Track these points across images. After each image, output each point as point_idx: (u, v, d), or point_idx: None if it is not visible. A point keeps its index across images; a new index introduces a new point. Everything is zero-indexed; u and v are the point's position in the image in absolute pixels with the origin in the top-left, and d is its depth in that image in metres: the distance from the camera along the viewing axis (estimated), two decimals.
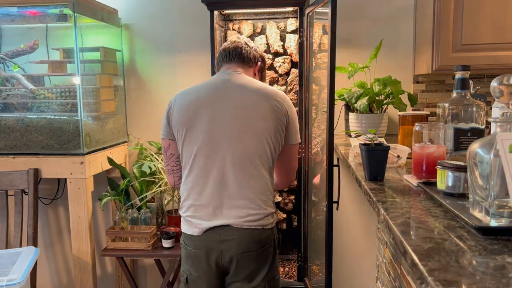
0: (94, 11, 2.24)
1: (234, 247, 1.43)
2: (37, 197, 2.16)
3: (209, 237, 1.45)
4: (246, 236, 1.43)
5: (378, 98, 2.07)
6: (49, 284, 2.79)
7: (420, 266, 0.71)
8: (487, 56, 1.99)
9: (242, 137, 1.44)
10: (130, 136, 2.62)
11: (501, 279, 0.66)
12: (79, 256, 2.18)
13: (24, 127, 2.16)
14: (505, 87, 0.99)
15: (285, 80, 2.37)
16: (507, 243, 0.80)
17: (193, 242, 1.49)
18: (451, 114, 1.39)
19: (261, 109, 1.47)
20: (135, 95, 2.61)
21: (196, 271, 1.50)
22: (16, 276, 1.63)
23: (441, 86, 2.39)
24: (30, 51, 2.31)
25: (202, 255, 1.47)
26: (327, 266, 1.71)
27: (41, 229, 2.68)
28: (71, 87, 2.22)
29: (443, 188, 1.09)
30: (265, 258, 1.47)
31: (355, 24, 2.39)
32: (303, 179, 2.25)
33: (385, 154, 1.32)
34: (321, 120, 2.23)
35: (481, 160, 0.86)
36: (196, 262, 1.49)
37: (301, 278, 2.26)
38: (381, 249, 1.75)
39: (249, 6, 2.24)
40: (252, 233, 1.44)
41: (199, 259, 1.48)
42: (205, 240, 1.46)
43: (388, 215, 0.98)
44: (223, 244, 1.44)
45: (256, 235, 1.44)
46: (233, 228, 1.43)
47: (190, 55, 2.53)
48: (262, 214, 1.45)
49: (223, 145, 1.45)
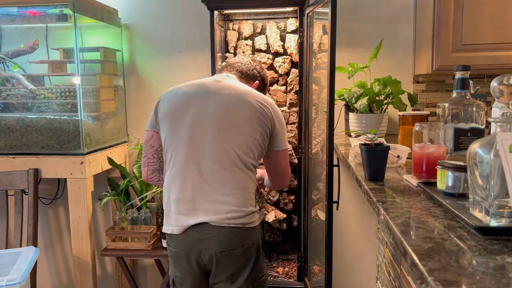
0: (94, 11, 2.24)
1: (213, 245, 1.42)
2: (37, 197, 2.16)
3: (188, 236, 1.44)
4: (225, 234, 1.42)
5: (378, 98, 2.07)
6: (49, 284, 2.79)
7: (420, 266, 0.71)
8: (487, 56, 1.99)
9: (224, 135, 1.45)
10: (130, 136, 2.62)
11: (501, 279, 0.66)
12: (79, 256, 2.18)
13: (24, 127, 2.16)
14: (505, 87, 0.99)
15: (285, 80, 2.37)
16: (507, 243, 0.80)
17: (173, 241, 1.49)
18: (451, 114, 1.39)
19: (246, 110, 1.47)
20: (135, 95, 2.61)
21: (179, 272, 1.50)
22: (16, 276, 1.63)
23: (441, 86, 2.39)
24: (30, 51, 2.31)
25: (182, 255, 1.47)
26: (327, 266, 1.71)
27: (41, 229, 2.68)
28: (71, 87, 2.22)
29: (443, 188, 1.09)
30: (247, 258, 1.45)
31: (355, 24, 2.39)
32: (303, 179, 2.25)
33: (385, 154, 1.32)
34: (321, 120, 2.23)
35: (481, 160, 0.86)
36: (178, 262, 1.49)
37: (301, 278, 2.26)
38: (381, 249, 1.75)
39: (249, 6, 2.24)
40: (232, 232, 1.42)
41: (180, 259, 1.48)
42: (185, 239, 1.45)
43: (388, 215, 0.98)
44: (202, 242, 1.43)
45: (236, 234, 1.43)
46: (211, 226, 1.42)
47: (190, 55, 2.53)
48: (243, 212, 1.44)
49: (205, 141, 1.45)
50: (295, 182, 2.34)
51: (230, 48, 2.38)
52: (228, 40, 2.39)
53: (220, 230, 1.42)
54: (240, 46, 2.37)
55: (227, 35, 2.39)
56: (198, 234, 1.43)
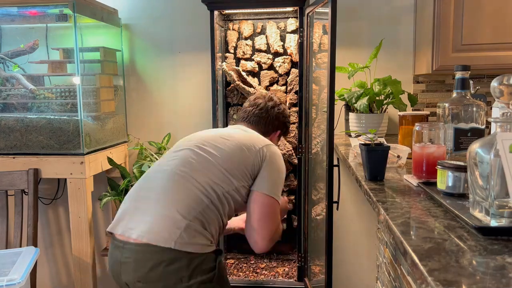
0: (94, 11, 2.24)
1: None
2: (37, 197, 2.16)
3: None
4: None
5: (378, 98, 2.07)
6: (49, 284, 2.79)
7: (420, 266, 0.71)
8: (487, 56, 1.99)
9: (196, 161, 1.45)
10: (130, 136, 2.62)
11: (501, 279, 0.66)
12: (79, 256, 2.18)
13: (24, 127, 2.16)
14: (505, 87, 0.99)
15: (285, 80, 2.37)
16: (507, 243, 0.79)
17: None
18: (451, 114, 1.39)
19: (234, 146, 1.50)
20: (135, 95, 2.61)
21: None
22: (16, 276, 1.63)
23: (441, 86, 2.39)
24: (30, 51, 2.31)
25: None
26: (327, 266, 1.71)
27: (41, 229, 2.68)
28: (71, 87, 2.22)
29: (443, 188, 1.09)
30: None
31: (355, 24, 2.39)
32: (303, 179, 2.25)
33: (385, 154, 1.32)
34: (321, 120, 2.23)
35: (481, 160, 0.86)
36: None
37: (301, 278, 2.26)
38: (381, 249, 1.75)
39: (249, 6, 2.24)
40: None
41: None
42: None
43: (388, 215, 0.98)
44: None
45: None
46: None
47: (190, 55, 2.53)
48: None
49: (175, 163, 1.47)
50: (295, 182, 2.34)
51: (230, 48, 2.39)
52: (228, 40, 2.39)
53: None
54: (240, 46, 2.37)
55: (227, 35, 2.39)
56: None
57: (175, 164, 1.45)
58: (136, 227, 1.33)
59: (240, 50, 2.37)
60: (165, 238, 1.28)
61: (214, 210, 1.39)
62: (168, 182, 1.40)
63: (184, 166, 1.43)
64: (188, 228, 1.30)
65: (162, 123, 2.59)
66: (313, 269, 2.29)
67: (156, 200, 1.38)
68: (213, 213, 1.38)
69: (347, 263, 2.53)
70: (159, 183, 1.42)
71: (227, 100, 2.40)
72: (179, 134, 2.50)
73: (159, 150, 2.49)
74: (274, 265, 2.39)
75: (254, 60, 2.37)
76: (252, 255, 2.47)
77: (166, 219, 1.31)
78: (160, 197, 1.38)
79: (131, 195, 1.47)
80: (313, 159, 2.25)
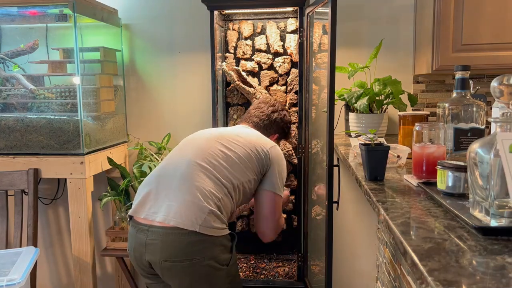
0: (94, 11, 2.24)
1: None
2: (37, 197, 2.16)
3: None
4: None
5: (378, 98, 2.06)
6: (49, 284, 2.79)
7: (420, 266, 0.71)
8: (487, 56, 1.99)
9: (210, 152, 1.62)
10: (130, 136, 2.62)
11: (501, 279, 0.66)
12: (79, 256, 2.18)
13: (24, 127, 2.16)
14: (505, 87, 0.99)
15: (285, 80, 2.37)
16: (507, 243, 0.79)
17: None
18: (451, 114, 1.39)
19: (244, 147, 1.67)
20: (135, 95, 2.61)
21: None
22: (16, 276, 1.63)
23: (441, 86, 2.39)
24: (30, 51, 2.31)
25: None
26: (327, 266, 1.71)
27: (41, 229, 2.68)
28: (71, 87, 2.22)
29: (443, 188, 1.09)
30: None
31: (355, 24, 2.39)
32: (303, 179, 2.25)
33: (385, 154, 1.32)
34: (321, 120, 2.23)
35: (481, 160, 0.86)
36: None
37: (301, 278, 2.26)
38: (381, 249, 1.75)
39: (249, 6, 2.24)
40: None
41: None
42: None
43: (388, 215, 0.98)
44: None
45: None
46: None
47: (190, 55, 2.53)
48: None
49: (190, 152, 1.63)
50: (295, 182, 2.34)
51: (230, 48, 2.39)
52: (228, 40, 2.39)
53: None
54: (240, 46, 2.37)
55: (227, 35, 2.39)
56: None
57: (195, 154, 1.61)
58: (159, 212, 1.48)
59: (240, 50, 2.37)
60: (192, 221, 1.43)
61: (230, 198, 1.57)
62: (187, 169, 1.55)
63: (203, 156, 1.59)
64: (211, 213, 1.47)
65: (162, 123, 2.59)
66: (313, 269, 2.28)
67: (178, 186, 1.51)
68: (229, 201, 1.57)
69: (347, 263, 2.53)
70: (179, 171, 1.56)
71: (227, 100, 2.40)
72: (179, 134, 2.50)
73: (159, 150, 2.49)
74: (274, 265, 2.39)
75: (254, 60, 2.37)
76: (252, 255, 2.47)
77: (192, 204, 1.46)
78: (182, 183, 1.52)
79: (151, 181, 1.60)
80: (313, 159, 2.25)
